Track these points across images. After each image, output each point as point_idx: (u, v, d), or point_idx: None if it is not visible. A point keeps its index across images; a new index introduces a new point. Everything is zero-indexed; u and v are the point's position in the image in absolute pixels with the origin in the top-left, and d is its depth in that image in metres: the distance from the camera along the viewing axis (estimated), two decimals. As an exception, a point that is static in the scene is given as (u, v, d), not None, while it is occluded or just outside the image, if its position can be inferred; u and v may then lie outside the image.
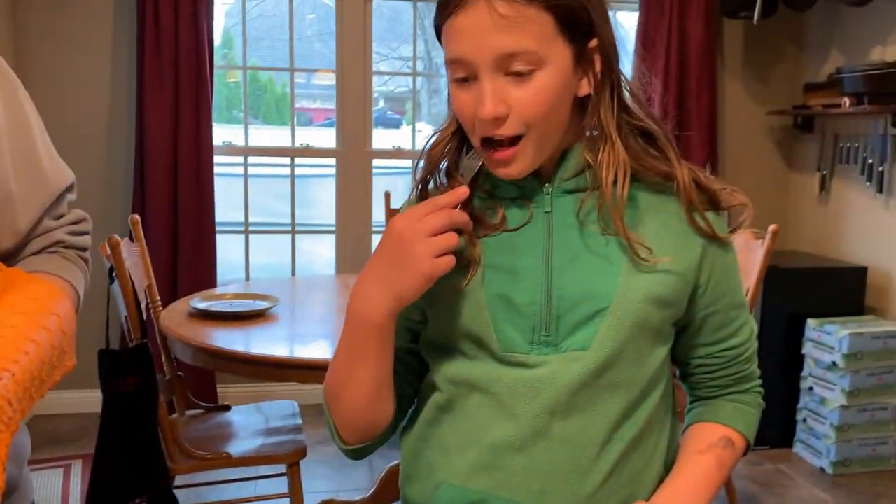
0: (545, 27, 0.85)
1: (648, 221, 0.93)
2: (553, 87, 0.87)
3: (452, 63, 0.88)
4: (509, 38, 0.84)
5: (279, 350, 1.90)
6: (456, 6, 0.86)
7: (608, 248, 0.92)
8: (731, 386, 1.03)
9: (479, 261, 0.93)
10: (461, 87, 0.89)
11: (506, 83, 0.86)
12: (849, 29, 3.38)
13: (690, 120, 3.44)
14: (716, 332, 0.99)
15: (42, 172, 0.99)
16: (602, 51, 0.90)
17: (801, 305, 3.09)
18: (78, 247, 1.04)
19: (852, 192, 3.37)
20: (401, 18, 4.73)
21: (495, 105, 0.86)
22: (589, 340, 0.90)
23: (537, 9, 0.84)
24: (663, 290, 0.91)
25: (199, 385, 3.17)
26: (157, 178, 3.12)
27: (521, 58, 0.85)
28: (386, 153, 3.63)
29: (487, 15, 0.84)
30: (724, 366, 1.01)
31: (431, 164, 0.98)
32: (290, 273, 3.67)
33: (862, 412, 2.90)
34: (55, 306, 0.90)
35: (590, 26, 0.88)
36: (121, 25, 3.18)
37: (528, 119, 0.87)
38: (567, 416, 0.90)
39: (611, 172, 0.90)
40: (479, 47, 0.85)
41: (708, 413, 1.02)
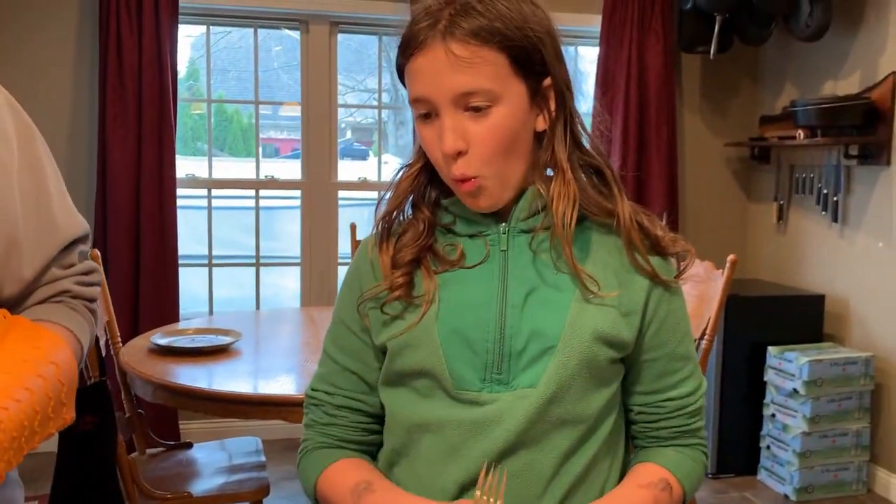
0: (500, 67, 0.89)
1: (596, 256, 0.96)
2: (509, 122, 0.90)
3: (415, 101, 0.92)
4: (466, 77, 0.87)
5: (242, 386, 1.88)
6: (415, 48, 0.89)
7: (559, 285, 0.94)
8: (673, 439, 1.02)
9: (434, 297, 0.95)
10: (425, 124, 0.93)
11: (465, 119, 0.89)
12: (802, 63, 3.48)
13: (650, 151, 3.51)
14: (656, 381, 1.00)
15: (52, 221, 0.98)
16: (556, 88, 0.93)
17: (761, 333, 3.14)
18: (85, 297, 1.02)
19: (809, 221, 3.45)
20: (366, 51, 4.77)
21: (455, 140, 0.89)
22: (538, 378, 0.92)
23: (492, 49, 0.88)
24: (610, 327, 0.93)
25: (161, 422, 3.11)
26: (119, 211, 3.08)
27: (477, 95, 0.88)
28: (352, 185, 3.64)
29: (444, 56, 0.87)
30: (665, 416, 1.01)
31: (399, 198, 1.00)
32: (254, 306, 3.64)
33: (823, 438, 2.94)
34: (55, 355, 0.88)
35: (543, 65, 0.92)
36: (83, 58, 3.16)
37: (486, 156, 0.90)
38: (514, 453, 0.91)
39: (561, 204, 0.92)
40: (438, 86, 0.88)
41: (651, 454, 1.02)
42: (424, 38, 0.89)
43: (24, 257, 0.94)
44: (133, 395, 2.09)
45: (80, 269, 1.02)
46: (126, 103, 3.06)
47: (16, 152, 0.94)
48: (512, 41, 0.88)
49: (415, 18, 0.91)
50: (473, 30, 0.87)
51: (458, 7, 0.89)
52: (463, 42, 0.87)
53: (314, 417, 1.07)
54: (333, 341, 1.06)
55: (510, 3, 0.90)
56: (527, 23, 0.90)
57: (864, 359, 2.97)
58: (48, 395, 0.83)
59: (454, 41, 0.87)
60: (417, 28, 0.90)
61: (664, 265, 0.98)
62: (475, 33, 0.87)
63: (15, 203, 0.92)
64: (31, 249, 0.95)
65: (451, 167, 0.91)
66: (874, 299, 3.09)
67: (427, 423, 0.95)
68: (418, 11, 0.91)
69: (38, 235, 0.96)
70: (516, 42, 0.89)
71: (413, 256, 0.97)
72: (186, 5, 3.17)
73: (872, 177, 3.08)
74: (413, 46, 0.90)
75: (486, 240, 0.97)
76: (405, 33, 0.92)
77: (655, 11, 3.47)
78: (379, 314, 0.98)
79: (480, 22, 0.87)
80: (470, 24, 0.87)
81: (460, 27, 0.87)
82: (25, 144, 0.96)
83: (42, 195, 0.98)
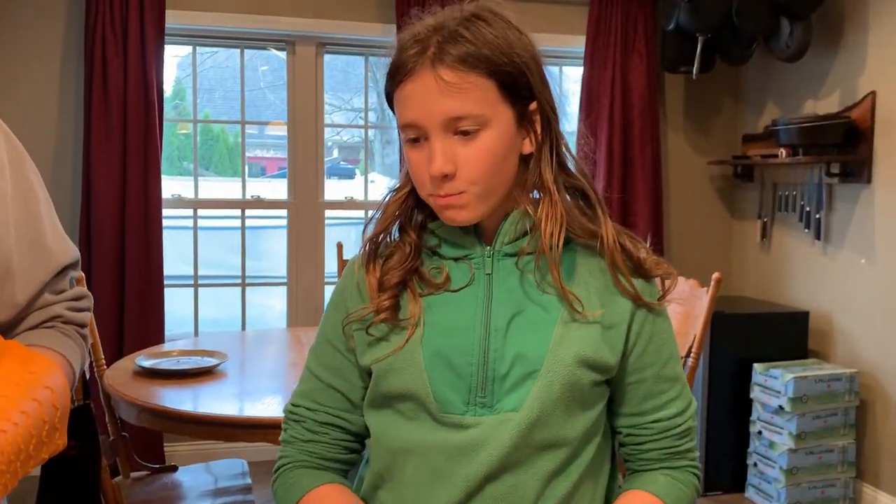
0: (488, 92, 0.90)
1: (580, 278, 0.97)
2: (497, 146, 0.92)
3: (405, 127, 0.93)
4: (455, 102, 0.89)
5: (228, 408, 1.87)
6: (404, 75, 0.91)
7: (544, 307, 0.95)
8: (663, 461, 1.02)
9: (419, 320, 0.95)
10: (413, 148, 0.94)
11: (454, 143, 0.91)
12: (783, 83, 3.53)
13: (635, 170, 3.54)
14: (642, 402, 1.00)
15: (45, 247, 0.99)
16: (541, 112, 0.95)
17: (747, 350, 3.16)
18: (77, 322, 1.03)
19: (792, 238, 3.48)
20: (353, 70, 4.79)
21: (444, 163, 0.90)
22: (521, 402, 0.92)
23: (480, 75, 0.90)
24: (593, 351, 0.93)
25: (146, 445, 3.08)
26: (104, 232, 3.06)
27: (466, 120, 0.90)
28: (338, 204, 3.64)
29: (434, 82, 0.89)
30: (653, 438, 1.01)
31: (386, 221, 1.01)
32: (240, 326, 3.62)
33: (809, 455, 2.95)
34: (49, 380, 0.88)
35: (529, 90, 0.93)
36: (68, 78, 3.15)
37: (473, 177, 0.91)
38: (499, 476, 0.92)
39: (549, 225, 0.94)
40: (428, 112, 0.90)
41: (641, 480, 1.03)
42: (413, 64, 0.90)
43: (17, 283, 0.94)
44: (117, 417, 2.07)
45: (72, 294, 1.02)
46: (111, 123, 3.05)
47: (9, 178, 0.95)
48: (499, 67, 0.90)
49: (403, 45, 0.92)
50: (461, 56, 0.89)
51: (446, 34, 0.90)
52: (452, 68, 0.89)
53: (294, 434, 1.07)
54: (317, 359, 1.06)
55: (496, 29, 0.91)
56: (513, 49, 0.91)
57: (849, 375, 2.99)
58: (43, 419, 0.83)
59: (443, 67, 0.89)
60: (406, 55, 0.91)
61: (648, 287, 0.99)
62: (463, 59, 0.89)
63: (9, 229, 0.93)
64: (25, 275, 0.95)
65: (437, 189, 0.92)
66: (857, 315, 3.12)
67: (412, 447, 0.95)
68: (406, 38, 0.93)
69: (32, 261, 0.96)
70: (503, 68, 0.91)
71: (399, 279, 0.98)
72: (172, 26, 3.18)
73: (854, 194, 3.12)
74: (402, 73, 0.91)
75: (471, 263, 0.98)
76: (394, 60, 0.93)
77: (638, 32, 3.51)
78: (364, 336, 0.99)
79: (468, 48, 0.89)
80: (458, 50, 0.89)
81: (449, 53, 0.89)
82: (17, 170, 0.97)
83: (35, 221, 0.98)
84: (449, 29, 0.91)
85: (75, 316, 1.02)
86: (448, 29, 0.91)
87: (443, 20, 0.93)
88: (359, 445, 1.07)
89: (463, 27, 0.91)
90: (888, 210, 2.97)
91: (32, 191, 0.99)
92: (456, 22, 0.91)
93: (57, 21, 3.12)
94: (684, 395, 1.02)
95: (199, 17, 3.25)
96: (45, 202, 1.02)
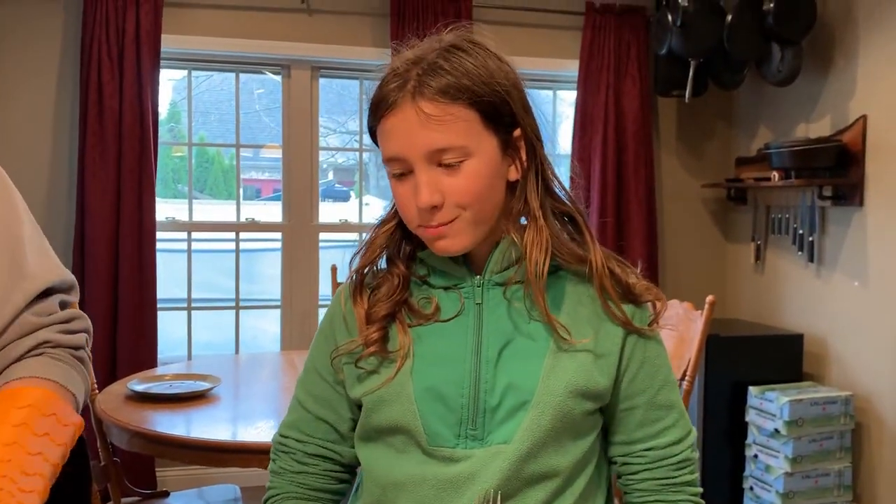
0: (470, 122, 0.90)
1: (569, 306, 0.96)
2: (483, 174, 0.91)
3: (389, 161, 0.92)
4: (437, 134, 0.89)
5: (221, 433, 1.85)
6: (386, 109, 0.91)
7: (534, 336, 0.94)
8: (659, 492, 0.98)
9: (409, 351, 0.94)
10: (399, 182, 0.93)
11: (439, 174, 0.90)
12: (775, 107, 3.56)
13: (629, 193, 3.55)
14: (636, 430, 0.98)
15: (25, 270, 0.96)
16: (525, 139, 0.95)
17: (742, 373, 3.15)
18: (69, 345, 0.99)
19: (786, 261, 3.49)
20: (348, 93, 4.81)
21: (431, 194, 0.90)
22: (511, 434, 0.91)
23: (461, 106, 0.89)
24: (585, 379, 0.92)
25: (137, 469, 3.04)
26: (98, 254, 3.06)
27: (450, 152, 0.89)
28: (333, 227, 3.64)
29: (415, 115, 0.89)
30: (647, 467, 0.99)
31: (373, 253, 1.00)
32: (233, 350, 3.60)
33: (806, 479, 2.94)
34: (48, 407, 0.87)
35: (512, 118, 0.93)
36: (63, 101, 3.16)
37: (462, 203, 0.91)
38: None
39: (534, 251, 0.93)
40: (411, 145, 0.89)
41: None
42: (395, 99, 0.90)
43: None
44: (109, 442, 2.05)
45: (61, 317, 1.00)
46: (106, 146, 3.06)
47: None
48: (480, 97, 0.90)
49: (383, 80, 0.92)
50: (442, 88, 0.89)
51: (425, 66, 0.90)
52: (432, 101, 0.88)
53: (283, 465, 1.05)
54: (306, 389, 1.05)
55: (475, 59, 0.91)
56: (493, 77, 0.91)
57: (844, 398, 2.98)
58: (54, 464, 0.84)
59: (423, 100, 0.88)
60: (387, 89, 0.91)
61: (638, 312, 0.98)
62: (444, 91, 0.89)
63: None
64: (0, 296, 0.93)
65: (427, 220, 0.91)
66: (852, 338, 3.12)
67: (402, 481, 0.94)
68: (386, 73, 0.93)
69: (8, 283, 0.94)
70: (485, 97, 0.90)
71: (388, 311, 0.97)
72: (168, 50, 3.20)
73: (846, 217, 3.14)
74: (384, 107, 0.91)
75: (461, 293, 0.97)
76: (375, 95, 0.93)
77: (631, 56, 3.54)
78: (354, 369, 0.98)
79: (448, 80, 0.89)
80: (438, 82, 0.89)
81: (429, 86, 0.89)
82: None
83: (13, 242, 0.96)
84: (428, 61, 0.90)
85: (67, 339, 0.99)
86: (427, 61, 0.90)
87: (422, 53, 0.92)
88: (348, 476, 1.06)
89: (442, 59, 0.90)
90: (880, 233, 2.99)
91: (14, 214, 0.98)
92: (435, 54, 0.91)
93: (53, 44, 3.13)
94: (681, 423, 0.99)
95: (195, 41, 3.27)
96: (30, 225, 1.00)
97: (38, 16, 3.11)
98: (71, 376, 0.97)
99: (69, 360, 0.99)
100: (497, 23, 3.35)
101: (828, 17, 3.22)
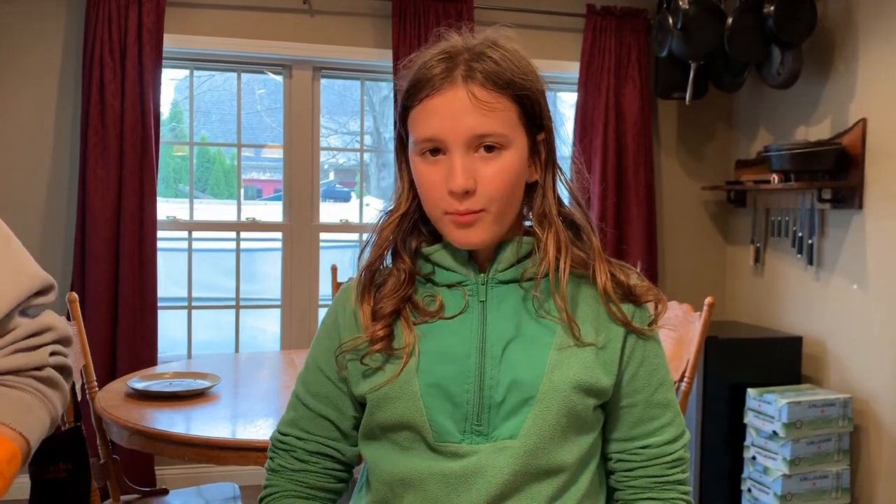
0: (512, 115, 0.92)
1: (574, 306, 0.97)
2: (515, 167, 0.93)
3: (425, 140, 0.92)
4: (484, 120, 0.90)
5: (220, 431, 1.85)
6: (433, 89, 0.91)
7: (538, 334, 0.95)
8: (651, 490, 1.00)
9: (414, 349, 0.95)
10: (428, 164, 0.93)
11: (475, 160, 0.91)
12: (774, 109, 3.57)
13: (629, 195, 3.56)
14: (633, 428, 0.99)
15: None
16: (548, 143, 0.97)
17: (741, 375, 3.16)
18: (28, 368, 0.93)
19: (785, 264, 3.50)
20: (350, 94, 4.82)
21: (466, 179, 0.90)
22: (517, 429, 0.92)
23: (508, 98, 0.92)
24: (589, 376, 0.93)
25: (137, 467, 3.05)
26: (99, 253, 3.06)
27: (492, 138, 0.91)
28: (333, 227, 3.64)
29: (466, 97, 0.90)
30: (641, 465, 1.00)
31: (381, 246, 1.00)
32: (233, 349, 3.61)
33: (804, 481, 2.94)
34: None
35: (541, 119, 0.95)
36: (65, 100, 3.17)
37: (492, 195, 0.91)
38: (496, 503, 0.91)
39: (552, 251, 0.94)
40: (455, 127, 0.90)
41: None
42: (444, 79, 0.91)
43: None
44: (109, 440, 2.05)
45: (18, 335, 0.93)
46: (108, 145, 3.07)
47: None
48: (523, 92, 0.93)
49: (426, 62, 0.93)
50: (493, 76, 0.91)
51: (475, 53, 0.92)
52: (483, 87, 0.90)
53: (283, 463, 1.05)
54: (307, 386, 1.05)
55: (515, 55, 0.94)
56: (530, 77, 0.94)
57: (843, 400, 2.99)
58: None
59: (475, 85, 0.90)
60: (433, 71, 0.92)
61: (640, 313, 0.99)
62: (495, 80, 0.91)
63: None
64: None
65: (455, 206, 0.91)
66: (850, 341, 3.13)
67: (409, 478, 0.94)
68: (430, 56, 0.94)
69: None
70: (526, 93, 0.93)
71: (393, 308, 0.97)
72: (170, 49, 3.21)
73: (845, 220, 3.14)
74: (430, 87, 0.91)
75: (465, 290, 0.97)
76: (417, 75, 0.93)
77: (632, 59, 3.55)
78: (359, 366, 0.98)
79: (495, 68, 0.91)
80: (490, 69, 0.91)
81: (480, 72, 0.91)
82: None
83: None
84: (477, 50, 0.93)
85: (23, 360, 0.91)
86: (476, 50, 0.93)
87: (466, 43, 0.94)
88: (347, 475, 1.06)
89: (490, 50, 0.93)
90: (879, 236, 2.99)
91: None
92: (483, 45, 0.93)
93: (55, 43, 3.14)
94: (676, 423, 1.01)
95: (197, 41, 3.28)
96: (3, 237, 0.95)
97: (40, 15, 3.12)
98: (19, 410, 0.89)
99: (24, 388, 0.92)
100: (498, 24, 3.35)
101: (828, 20, 3.22)
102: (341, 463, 1.05)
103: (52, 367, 0.99)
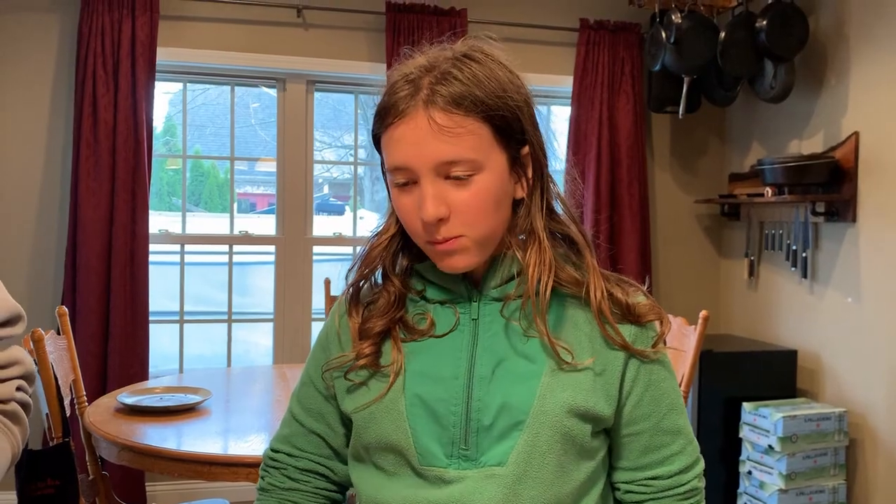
0: (482, 136, 0.87)
1: (569, 325, 0.92)
2: (491, 189, 0.88)
3: (394, 170, 0.89)
4: (448, 147, 0.85)
5: (211, 447, 1.83)
6: (395, 116, 0.87)
7: (531, 355, 0.90)
8: None
9: (401, 368, 0.92)
10: (403, 192, 0.89)
11: (446, 186, 0.87)
12: (767, 123, 3.58)
13: (622, 208, 3.56)
14: (641, 456, 0.94)
15: None
16: (533, 157, 0.92)
17: (736, 389, 3.15)
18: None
19: (779, 277, 3.49)
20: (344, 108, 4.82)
21: (436, 207, 0.86)
22: (506, 456, 0.87)
23: (475, 119, 0.86)
24: (584, 400, 0.88)
25: (127, 483, 3.01)
26: (90, 267, 3.04)
27: (460, 165, 0.86)
28: (326, 240, 3.63)
29: (426, 124, 0.85)
30: (653, 497, 0.94)
31: (369, 266, 0.97)
32: (225, 363, 3.58)
33: (800, 496, 2.93)
34: None
35: (522, 134, 0.90)
36: (57, 113, 3.16)
37: (469, 220, 0.87)
38: None
39: (536, 272, 0.89)
40: (420, 155, 0.86)
41: None
42: (406, 106, 0.86)
43: None
44: (98, 456, 2.03)
45: None
46: (100, 158, 3.05)
47: None
48: (493, 111, 0.86)
49: (393, 87, 0.88)
50: (455, 99, 0.85)
51: (438, 75, 0.86)
52: (446, 111, 0.85)
53: (273, 481, 1.03)
54: (300, 402, 1.03)
55: (489, 71, 0.88)
56: (506, 92, 0.88)
57: (838, 414, 2.98)
58: None
59: (437, 110, 0.85)
60: (397, 96, 0.87)
61: (641, 334, 0.93)
62: (457, 102, 0.85)
63: None
64: None
65: (432, 234, 0.88)
66: (845, 354, 3.12)
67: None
68: (396, 78, 0.89)
69: None
70: (497, 112, 0.87)
71: (382, 328, 0.94)
72: (164, 63, 3.20)
73: (839, 233, 3.15)
74: (393, 114, 0.87)
75: (457, 308, 0.94)
76: (383, 102, 0.89)
77: (625, 73, 3.56)
78: (343, 382, 0.96)
79: (462, 90, 0.85)
80: (452, 92, 0.85)
81: (442, 95, 0.85)
82: None
83: None
84: (441, 70, 0.87)
85: None
86: (440, 70, 0.87)
87: (434, 60, 0.89)
88: (340, 496, 1.03)
89: (456, 68, 0.87)
90: (873, 249, 3.00)
91: None
92: (449, 63, 0.87)
93: (48, 56, 3.13)
94: (689, 451, 0.95)
95: (191, 54, 3.28)
96: None
97: (33, 27, 3.12)
98: None
99: None
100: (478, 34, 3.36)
101: (820, 34, 3.24)
102: (333, 482, 1.02)
103: (17, 402, 0.95)
